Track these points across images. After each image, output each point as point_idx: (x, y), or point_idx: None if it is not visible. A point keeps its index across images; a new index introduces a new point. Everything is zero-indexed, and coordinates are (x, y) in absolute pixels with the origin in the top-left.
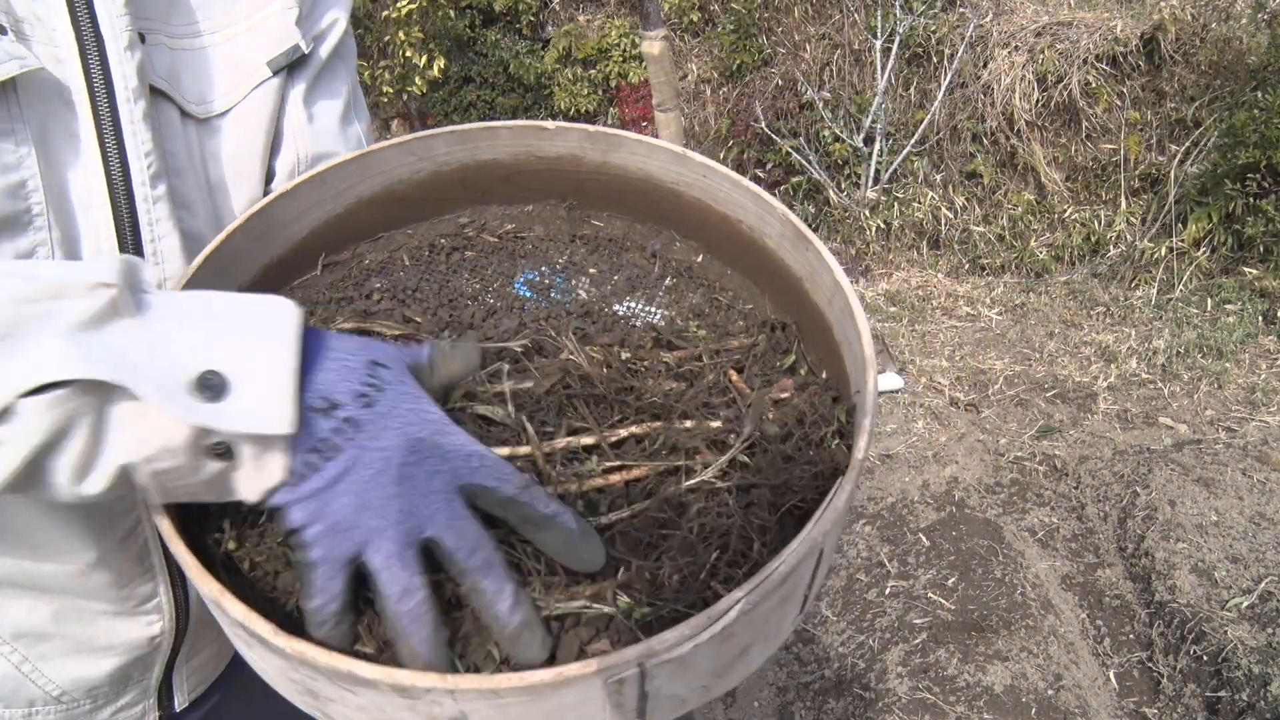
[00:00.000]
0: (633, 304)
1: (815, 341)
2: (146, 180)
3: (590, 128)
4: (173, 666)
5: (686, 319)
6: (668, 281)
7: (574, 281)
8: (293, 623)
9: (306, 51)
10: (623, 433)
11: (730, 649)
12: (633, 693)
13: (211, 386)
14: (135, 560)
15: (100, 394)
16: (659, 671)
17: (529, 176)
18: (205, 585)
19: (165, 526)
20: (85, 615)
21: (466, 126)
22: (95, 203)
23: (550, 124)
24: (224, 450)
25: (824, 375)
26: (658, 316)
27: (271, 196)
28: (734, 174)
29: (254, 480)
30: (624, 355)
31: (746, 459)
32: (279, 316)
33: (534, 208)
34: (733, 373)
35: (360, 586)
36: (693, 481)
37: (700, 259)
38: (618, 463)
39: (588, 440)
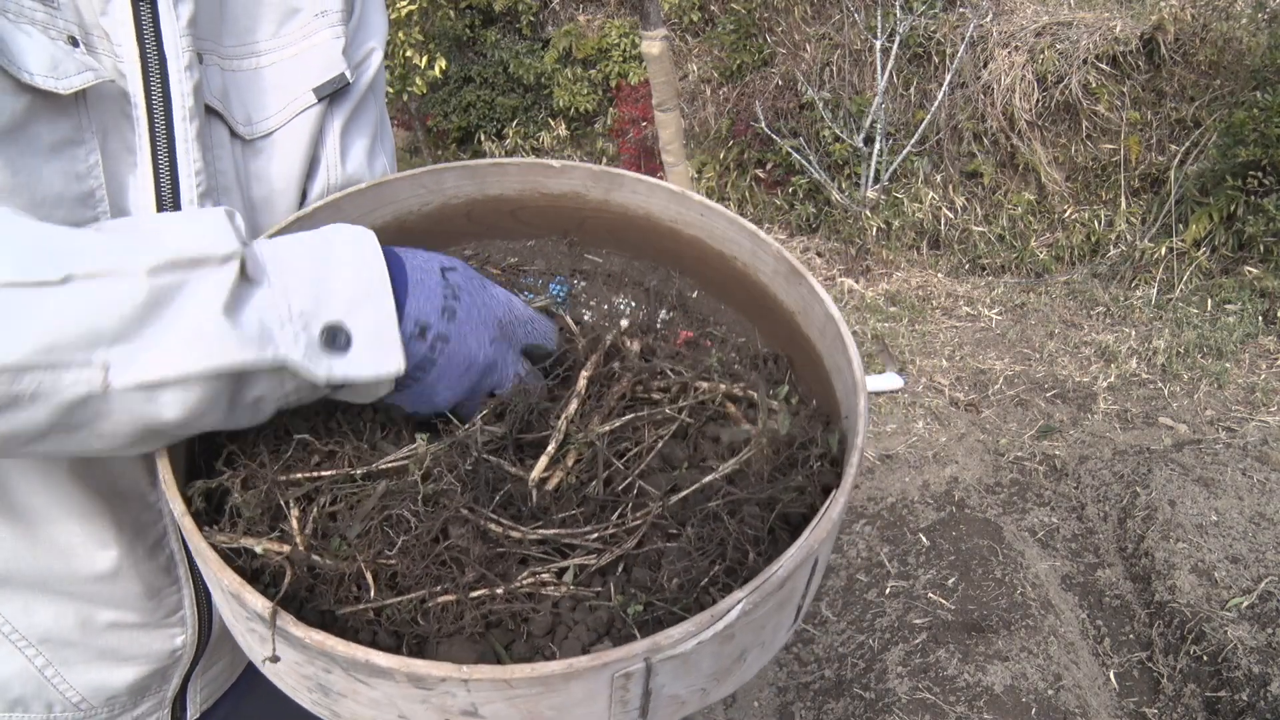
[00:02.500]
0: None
1: (806, 373)
2: (195, 199)
3: (595, 167)
4: (189, 678)
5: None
6: (664, 315)
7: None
8: (305, 620)
9: (351, 81)
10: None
11: (730, 651)
12: (638, 690)
13: (336, 341)
14: (163, 570)
15: (241, 373)
16: (663, 668)
17: (533, 212)
18: (226, 578)
19: (188, 524)
20: (112, 625)
21: (476, 162)
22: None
23: (556, 162)
24: (338, 388)
25: (814, 403)
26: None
27: (288, 220)
28: (731, 213)
29: (359, 396)
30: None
31: (733, 480)
32: (364, 256)
33: (536, 243)
34: (730, 405)
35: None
36: (710, 479)
37: (696, 295)
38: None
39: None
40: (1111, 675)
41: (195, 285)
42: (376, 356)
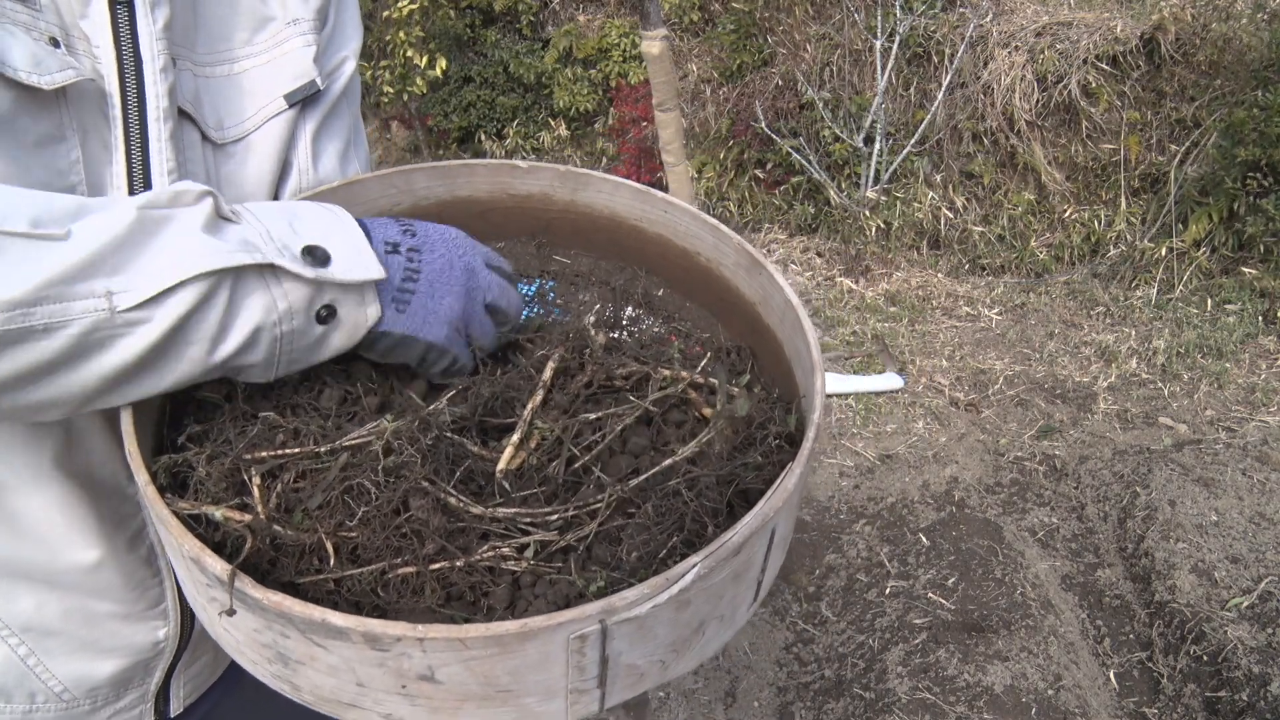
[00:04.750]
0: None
1: (768, 363)
2: None
3: (561, 167)
4: (172, 672)
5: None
6: (629, 312)
7: (540, 312)
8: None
9: (322, 88)
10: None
11: (687, 620)
12: (594, 655)
13: (316, 256)
14: (144, 562)
15: (234, 276)
16: (619, 631)
17: (502, 214)
18: (186, 542)
19: (150, 493)
20: (94, 615)
21: (446, 163)
22: None
23: (523, 163)
24: (328, 314)
25: (775, 391)
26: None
27: None
28: (693, 209)
29: (352, 328)
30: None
31: (695, 458)
32: (332, 210)
33: (506, 244)
34: (692, 391)
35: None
36: (671, 461)
37: (661, 292)
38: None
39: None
40: (1111, 675)
41: (178, 216)
42: (358, 264)
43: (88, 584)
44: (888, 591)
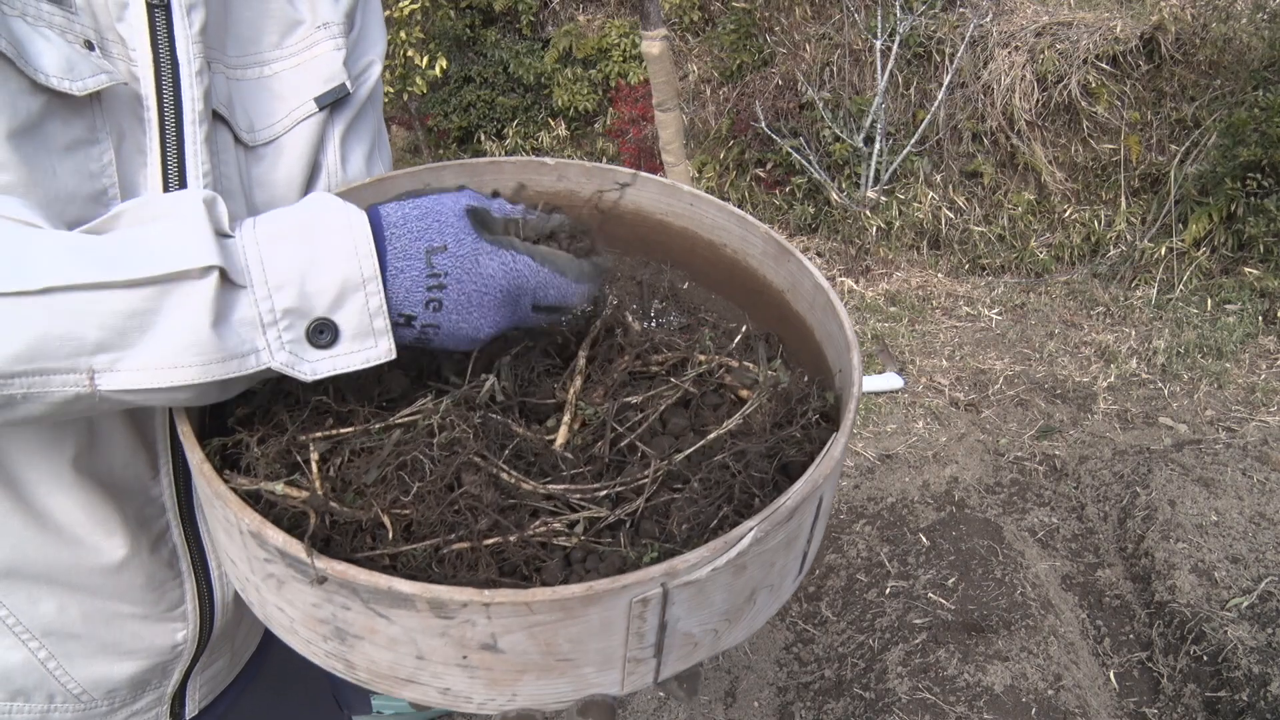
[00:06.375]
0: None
1: (797, 349)
2: None
3: (587, 164)
4: (189, 674)
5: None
6: (655, 304)
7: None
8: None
9: (351, 91)
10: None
11: (741, 587)
12: (654, 620)
13: (323, 336)
14: (165, 564)
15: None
16: (679, 595)
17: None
18: (246, 516)
19: (207, 470)
20: (115, 617)
21: (474, 160)
22: None
23: (550, 160)
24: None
25: (805, 377)
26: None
27: None
28: (719, 201)
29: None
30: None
31: (739, 428)
32: (354, 243)
33: None
34: (727, 376)
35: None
36: (719, 432)
37: (687, 285)
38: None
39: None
40: (1111, 675)
41: (176, 299)
42: (364, 346)
43: (110, 586)
44: (888, 591)
